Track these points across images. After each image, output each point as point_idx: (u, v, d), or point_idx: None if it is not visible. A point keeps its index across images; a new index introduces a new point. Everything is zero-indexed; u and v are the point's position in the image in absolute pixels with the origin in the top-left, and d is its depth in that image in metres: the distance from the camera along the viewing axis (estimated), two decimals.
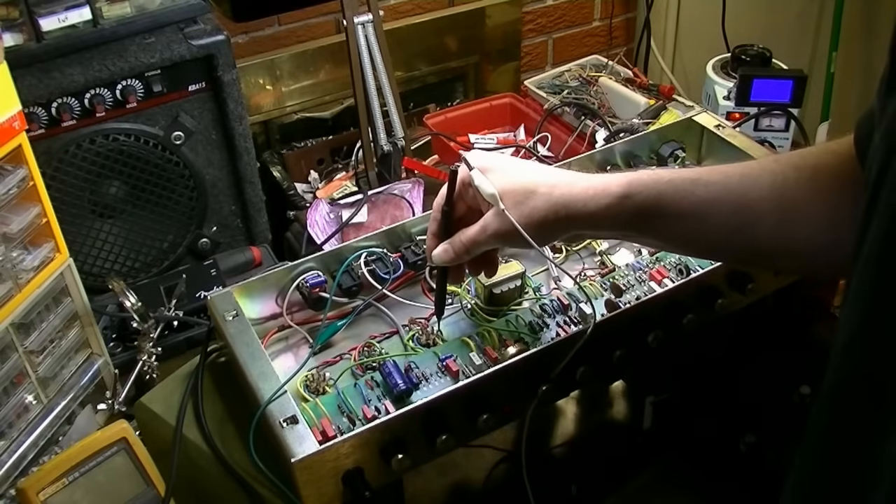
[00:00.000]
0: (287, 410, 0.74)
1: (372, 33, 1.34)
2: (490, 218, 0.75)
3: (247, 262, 1.30)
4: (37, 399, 1.02)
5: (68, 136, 1.16)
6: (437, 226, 0.80)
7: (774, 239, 0.68)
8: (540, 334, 0.84)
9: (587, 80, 1.64)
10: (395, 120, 1.40)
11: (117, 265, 1.27)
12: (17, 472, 0.98)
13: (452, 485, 0.97)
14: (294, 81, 1.68)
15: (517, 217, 0.72)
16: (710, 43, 1.81)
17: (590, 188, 0.71)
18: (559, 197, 0.72)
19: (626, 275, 0.91)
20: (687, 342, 0.89)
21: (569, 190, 0.72)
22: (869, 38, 1.67)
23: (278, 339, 0.89)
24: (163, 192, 1.26)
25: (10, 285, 0.94)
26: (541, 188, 0.72)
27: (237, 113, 1.27)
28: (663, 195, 0.69)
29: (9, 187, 0.92)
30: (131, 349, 1.15)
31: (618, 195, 0.70)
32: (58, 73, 1.12)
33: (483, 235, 0.75)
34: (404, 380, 0.78)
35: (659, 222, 0.70)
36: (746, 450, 0.96)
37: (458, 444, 0.77)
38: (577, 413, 1.07)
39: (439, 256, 0.78)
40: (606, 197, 0.70)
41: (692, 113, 1.13)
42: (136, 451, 0.84)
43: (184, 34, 1.20)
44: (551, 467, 0.98)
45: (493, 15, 1.88)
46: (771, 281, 0.92)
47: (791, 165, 0.68)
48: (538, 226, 0.72)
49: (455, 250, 0.77)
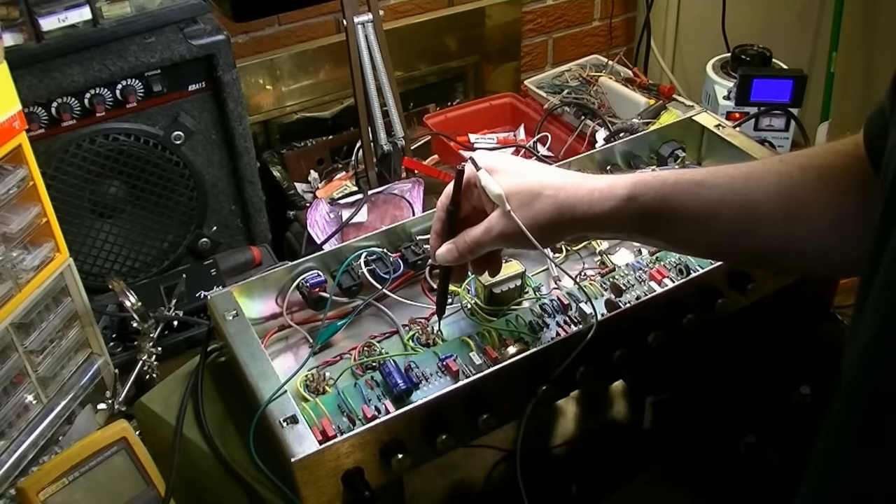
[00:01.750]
0: (287, 410, 0.74)
1: (372, 33, 1.34)
2: (495, 219, 0.74)
3: (247, 262, 1.30)
4: (37, 399, 1.02)
5: (68, 135, 1.16)
6: (441, 225, 0.80)
7: (780, 239, 0.68)
8: (540, 334, 0.84)
9: (587, 79, 1.64)
10: (395, 120, 1.40)
11: (117, 265, 1.27)
12: (17, 472, 0.98)
13: (452, 485, 0.97)
14: (294, 81, 1.68)
15: (523, 218, 0.72)
16: (710, 43, 1.81)
17: (595, 190, 0.71)
18: (565, 199, 0.72)
19: (626, 275, 0.90)
20: (687, 342, 0.89)
21: (574, 192, 0.72)
22: (869, 38, 1.67)
23: (278, 339, 0.89)
24: (163, 192, 1.27)
25: (10, 285, 0.94)
26: (546, 190, 0.72)
27: (237, 113, 1.27)
28: (668, 197, 0.69)
29: (9, 187, 0.92)
30: (131, 349, 1.15)
31: (623, 197, 0.70)
32: (58, 73, 1.12)
33: (488, 236, 0.75)
34: (404, 380, 0.78)
35: (664, 224, 0.70)
36: (746, 450, 0.96)
37: (458, 444, 0.77)
38: (577, 413, 1.06)
39: (443, 256, 0.78)
40: (612, 199, 0.70)
41: (692, 113, 1.13)
42: (136, 451, 0.84)
43: (184, 34, 1.20)
44: (551, 467, 0.98)
45: (493, 15, 1.88)
46: (771, 281, 0.92)
47: (796, 166, 0.68)
48: (543, 227, 0.72)
49: (459, 250, 0.77)
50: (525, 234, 0.72)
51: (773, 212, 0.67)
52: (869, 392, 0.49)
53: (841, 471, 0.52)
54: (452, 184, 0.78)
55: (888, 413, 0.48)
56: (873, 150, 0.61)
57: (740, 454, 0.96)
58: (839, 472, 0.52)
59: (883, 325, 0.48)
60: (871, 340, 0.49)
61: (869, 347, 0.49)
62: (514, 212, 0.72)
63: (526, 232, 0.72)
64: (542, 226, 0.72)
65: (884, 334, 0.48)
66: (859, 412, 0.50)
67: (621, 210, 0.70)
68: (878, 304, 0.49)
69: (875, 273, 0.50)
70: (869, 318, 0.50)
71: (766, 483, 0.94)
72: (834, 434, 0.53)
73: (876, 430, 0.49)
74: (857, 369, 0.51)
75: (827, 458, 0.53)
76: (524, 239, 0.72)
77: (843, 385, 0.51)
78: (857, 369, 0.51)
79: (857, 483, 0.51)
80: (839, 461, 0.52)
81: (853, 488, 0.51)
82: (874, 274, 0.50)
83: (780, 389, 0.97)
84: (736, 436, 0.96)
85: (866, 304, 0.51)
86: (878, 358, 0.49)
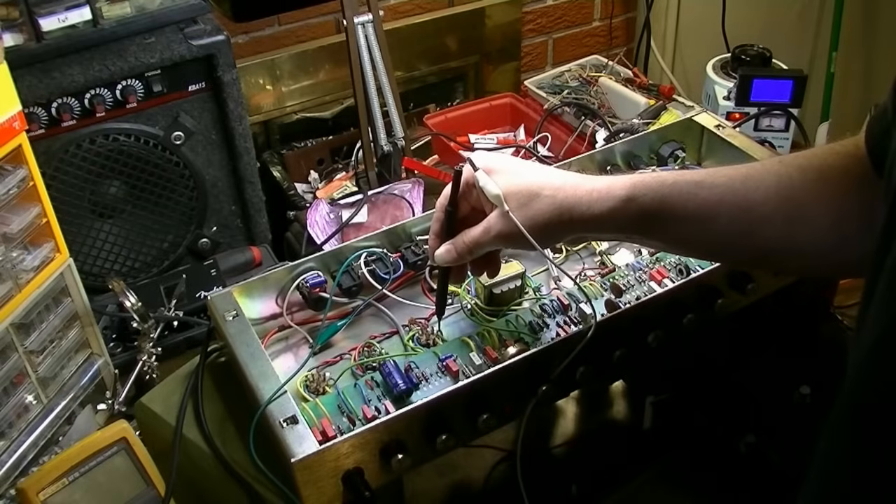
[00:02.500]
0: (287, 410, 0.74)
1: (372, 33, 1.34)
2: (494, 219, 0.74)
3: (247, 262, 1.30)
4: (37, 399, 1.02)
5: (68, 136, 1.16)
6: (439, 226, 0.80)
7: (780, 240, 0.68)
8: (540, 334, 0.84)
9: (587, 80, 1.64)
10: (395, 120, 1.40)
11: (117, 265, 1.27)
12: (17, 472, 0.98)
13: (452, 485, 0.97)
14: (294, 81, 1.68)
15: (521, 219, 0.72)
16: (710, 43, 1.81)
17: (594, 191, 0.71)
18: (564, 199, 0.72)
19: (626, 275, 0.91)
20: (687, 342, 0.89)
21: (573, 192, 0.72)
22: (869, 38, 1.67)
23: (278, 339, 0.89)
24: (163, 192, 1.27)
25: (10, 285, 0.94)
26: (545, 190, 0.72)
27: (237, 113, 1.27)
28: (667, 198, 0.69)
29: (9, 187, 0.92)
30: (131, 349, 1.15)
31: (622, 198, 0.70)
32: (58, 73, 1.12)
33: (487, 237, 0.75)
34: (404, 380, 0.78)
35: (663, 225, 0.70)
36: (746, 450, 0.96)
37: (458, 444, 0.77)
38: (577, 413, 1.06)
39: (441, 257, 0.78)
40: (610, 200, 0.70)
41: (692, 113, 1.13)
42: (136, 451, 0.84)
43: (184, 34, 1.20)
44: (551, 467, 0.98)
45: (493, 15, 1.88)
46: (771, 281, 0.92)
47: (796, 167, 0.68)
48: (542, 228, 0.72)
49: (458, 251, 0.77)
50: (524, 234, 0.72)
51: (773, 213, 0.67)
52: (872, 392, 0.49)
53: (843, 471, 0.52)
54: (450, 185, 0.78)
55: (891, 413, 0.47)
56: (876, 152, 0.60)
57: (740, 454, 0.96)
58: (841, 472, 0.52)
59: (887, 326, 0.48)
60: (875, 341, 0.49)
61: (873, 348, 0.49)
62: (512, 212, 0.72)
63: (524, 232, 0.72)
64: (541, 226, 0.72)
65: (888, 335, 0.48)
66: (862, 412, 0.50)
67: (620, 211, 0.70)
68: (883, 306, 0.49)
69: (880, 274, 0.50)
70: (873, 319, 0.50)
71: (766, 483, 0.94)
72: (836, 434, 0.53)
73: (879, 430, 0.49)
74: (861, 369, 0.51)
75: (829, 457, 0.53)
76: (523, 239, 0.72)
77: (847, 385, 0.51)
78: (861, 369, 0.51)
79: (860, 483, 0.51)
80: (841, 461, 0.52)
81: (855, 488, 0.51)
82: (879, 275, 0.50)
83: (780, 389, 0.97)
84: (736, 436, 0.96)
85: (871, 304, 0.50)
86: (882, 358, 0.49)
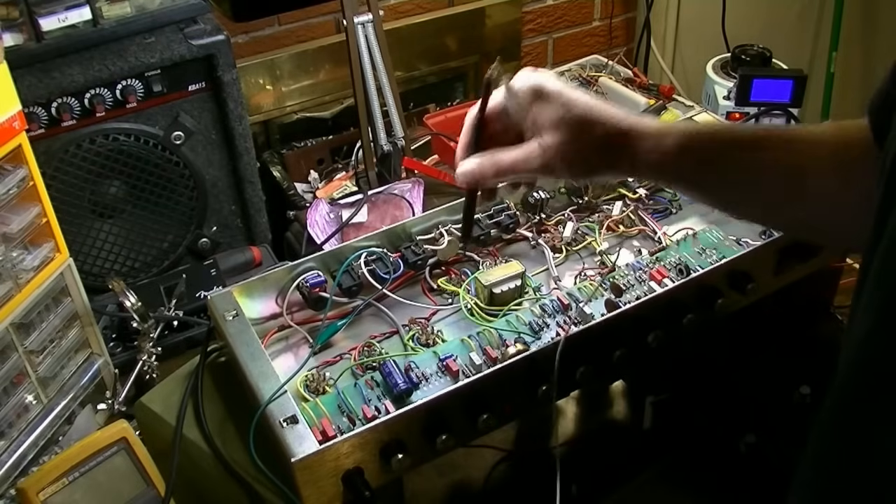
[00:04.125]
0: (287, 410, 0.74)
1: (372, 33, 1.34)
2: (535, 148, 0.71)
3: (247, 262, 1.30)
4: (37, 399, 1.02)
5: (68, 136, 1.16)
6: (468, 138, 0.76)
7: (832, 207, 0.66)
8: (540, 334, 0.84)
9: (587, 80, 1.63)
10: (395, 120, 1.40)
11: (117, 265, 1.27)
12: (17, 472, 0.98)
13: (452, 485, 0.97)
14: (294, 81, 1.68)
15: (571, 152, 0.70)
16: (710, 43, 1.81)
17: (652, 126, 0.70)
18: (628, 127, 0.70)
19: (626, 275, 0.90)
20: (687, 342, 0.89)
21: (638, 123, 0.70)
22: (869, 38, 1.67)
23: (278, 339, 0.89)
24: (163, 192, 1.26)
25: (10, 285, 0.94)
26: (601, 125, 0.70)
27: (237, 113, 1.27)
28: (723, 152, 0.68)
29: (9, 187, 0.92)
30: (131, 349, 1.15)
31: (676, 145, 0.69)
32: (58, 73, 1.12)
33: (526, 166, 0.72)
34: (404, 380, 0.78)
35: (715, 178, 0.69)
36: (746, 450, 0.96)
37: (458, 444, 0.77)
38: (577, 413, 1.07)
39: (465, 172, 0.74)
40: (669, 140, 0.69)
41: (692, 113, 1.14)
42: (136, 451, 0.84)
43: (184, 34, 1.20)
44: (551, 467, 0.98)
45: (493, 15, 1.88)
46: (771, 281, 0.92)
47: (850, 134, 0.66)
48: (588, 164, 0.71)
49: (482, 170, 0.73)
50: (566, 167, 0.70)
51: (827, 177, 0.65)
52: (863, 385, 0.48)
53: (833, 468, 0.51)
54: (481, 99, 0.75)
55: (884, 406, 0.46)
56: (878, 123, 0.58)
57: (740, 454, 0.96)
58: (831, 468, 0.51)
59: (881, 310, 0.47)
60: (866, 333, 0.48)
61: (864, 341, 0.48)
62: (564, 144, 0.70)
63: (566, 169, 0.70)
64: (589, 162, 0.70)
65: (879, 326, 0.47)
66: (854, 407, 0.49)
67: (672, 157, 0.69)
68: (874, 296, 0.48)
69: (871, 263, 0.48)
70: (864, 311, 0.48)
71: (766, 483, 0.94)
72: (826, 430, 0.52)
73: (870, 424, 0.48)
74: (852, 364, 0.49)
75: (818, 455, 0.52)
76: (565, 173, 0.71)
77: (837, 380, 0.50)
78: (852, 364, 0.49)
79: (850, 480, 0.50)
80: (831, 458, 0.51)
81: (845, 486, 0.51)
82: (870, 264, 0.48)
83: (780, 389, 0.97)
84: (736, 436, 0.96)
85: (861, 297, 0.49)
86: (872, 351, 0.47)
